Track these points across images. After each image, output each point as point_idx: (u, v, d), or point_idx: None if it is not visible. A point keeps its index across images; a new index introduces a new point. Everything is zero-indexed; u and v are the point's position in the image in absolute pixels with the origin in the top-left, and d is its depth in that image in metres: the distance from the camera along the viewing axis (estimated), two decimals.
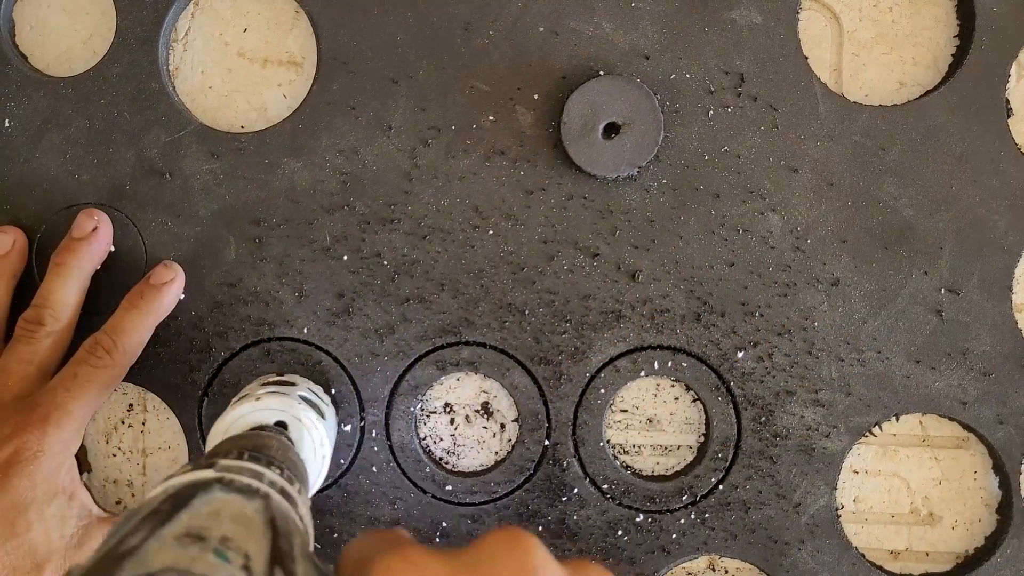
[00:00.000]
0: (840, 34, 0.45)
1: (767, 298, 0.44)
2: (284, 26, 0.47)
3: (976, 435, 0.45)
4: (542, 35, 0.44)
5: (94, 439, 0.48)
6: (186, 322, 0.45)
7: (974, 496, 0.46)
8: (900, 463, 0.46)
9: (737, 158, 0.44)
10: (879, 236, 0.44)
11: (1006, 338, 0.44)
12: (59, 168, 0.45)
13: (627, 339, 0.45)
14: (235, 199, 0.45)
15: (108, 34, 0.46)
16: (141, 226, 0.46)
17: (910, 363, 0.44)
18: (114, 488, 0.48)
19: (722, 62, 0.44)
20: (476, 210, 0.45)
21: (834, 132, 0.44)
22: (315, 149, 0.45)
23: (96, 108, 0.45)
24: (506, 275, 0.45)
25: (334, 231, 0.45)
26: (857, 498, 0.46)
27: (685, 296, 0.45)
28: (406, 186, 0.45)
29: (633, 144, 0.43)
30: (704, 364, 0.45)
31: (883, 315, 0.44)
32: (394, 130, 0.45)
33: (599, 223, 0.45)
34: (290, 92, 0.47)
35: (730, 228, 0.44)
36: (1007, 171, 0.44)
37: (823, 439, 0.44)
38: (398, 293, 0.45)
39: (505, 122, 0.45)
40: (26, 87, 0.45)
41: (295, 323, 0.45)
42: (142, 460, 0.48)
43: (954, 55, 0.45)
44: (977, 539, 0.46)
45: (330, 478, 0.45)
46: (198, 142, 0.45)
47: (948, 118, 0.44)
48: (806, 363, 0.44)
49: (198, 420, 0.46)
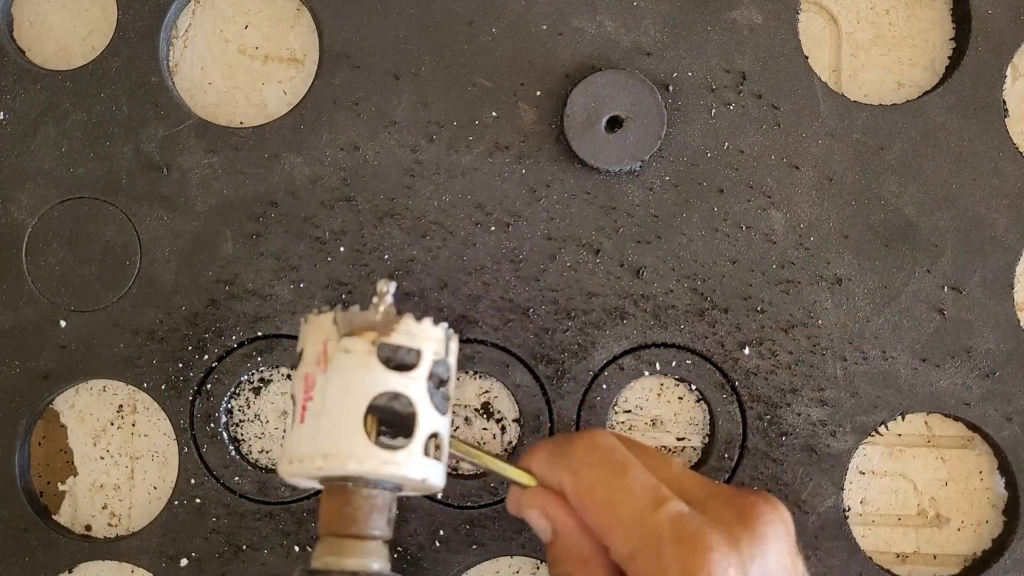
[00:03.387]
0: (838, 35, 0.46)
1: (770, 295, 0.44)
2: (285, 23, 0.47)
3: (981, 434, 0.45)
4: (545, 32, 0.45)
5: (81, 441, 0.46)
6: (180, 319, 0.45)
7: (981, 497, 0.45)
8: (906, 463, 0.45)
9: (740, 155, 0.44)
10: (881, 234, 0.44)
11: (1009, 336, 0.44)
12: (54, 162, 0.45)
13: (631, 336, 0.44)
14: (233, 194, 0.45)
15: (107, 31, 0.46)
16: (136, 221, 0.45)
17: (915, 361, 0.44)
18: (100, 493, 0.46)
19: (724, 61, 0.44)
20: (478, 206, 0.45)
21: (835, 130, 0.44)
22: (315, 144, 0.45)
23: (94, 102, 0.45)
24: (508, 272, 0.44)
25: (333, 227, 0.45)
26: (864, 499, 0.45)
27: (688, 293, 0.44)
28: (407, 182, 0.45)
29: (636, 138, 0.43)
30: (708, 362, 0.44)
31: (887, 313, 0.44)
32: (396, 126, 0.45)
33: (602, 219, 0.44)
34: (291, 89, 0.46)
35: (733, 225, 0.44)
36: (1006, 170, 0.44)
37: (829, 438, 0.44)
38: (398, 290, 0.44)
39: (508, 119, 0.45)
40: (23, 80, 0.45)
41: (292, 320, 0.44)
42: (131, 464, 0.46)
43: (951, 57, 0.46)
44: (984, 541, 0.45)
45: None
46: (197, 136, 0.45)
47: (946, 118, 0.44)
48: (811, 361, 0.44)
49: (190, 421, 0.45)
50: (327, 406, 0.31)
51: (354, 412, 0.30)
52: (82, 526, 0.46)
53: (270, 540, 0.44)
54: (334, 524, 0.32)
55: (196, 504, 0.44)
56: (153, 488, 0.46)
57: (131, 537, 0.45)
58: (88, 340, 0.45)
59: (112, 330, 0.45)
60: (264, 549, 0.44)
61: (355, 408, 0.30)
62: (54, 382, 0.45)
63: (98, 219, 0.45)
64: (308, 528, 0.44)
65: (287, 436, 0.31)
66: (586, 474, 0.34)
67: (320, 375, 0.31)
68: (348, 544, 0.31)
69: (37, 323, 0.45)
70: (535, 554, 0.44)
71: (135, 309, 0.45)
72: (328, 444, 0.30)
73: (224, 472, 0.44)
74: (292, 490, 0.44)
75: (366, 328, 0.31)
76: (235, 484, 0.44)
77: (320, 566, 0.31)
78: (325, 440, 0.30)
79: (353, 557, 0.31)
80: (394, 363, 0.31)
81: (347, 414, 0.30)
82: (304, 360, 0.32)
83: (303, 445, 0.31)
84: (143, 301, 0.45)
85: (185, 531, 0.44)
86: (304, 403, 0.31)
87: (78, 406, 0.46)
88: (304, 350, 0.32)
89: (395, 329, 0.31)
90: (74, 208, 0.45)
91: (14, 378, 0.45)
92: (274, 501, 0.44)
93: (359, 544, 0.31)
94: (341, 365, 0.31)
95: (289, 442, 0.31)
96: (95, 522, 0.46)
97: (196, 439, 0.44)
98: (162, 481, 0.46)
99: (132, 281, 0.45)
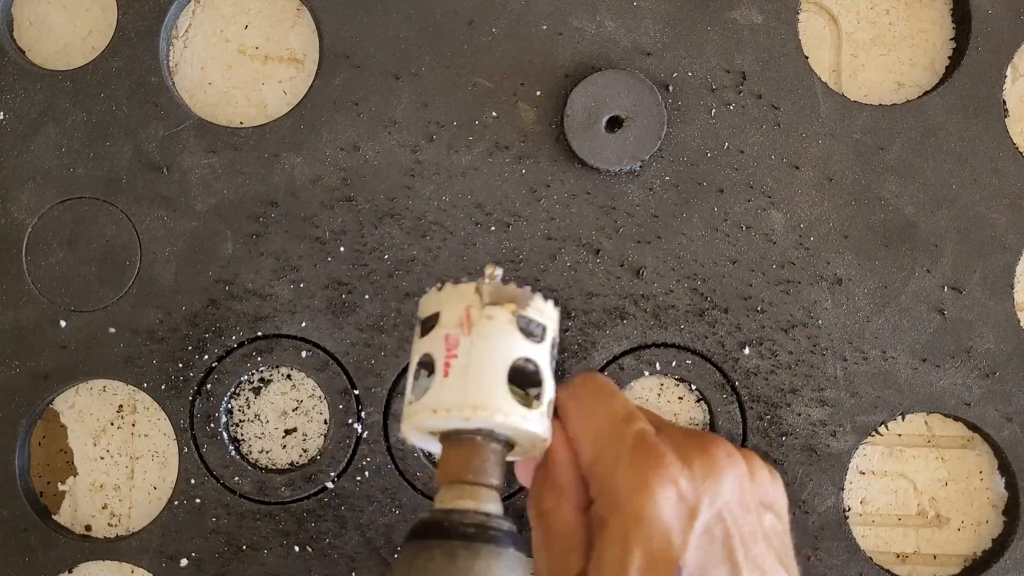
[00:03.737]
0: (839, 35, 0.46)
1: (771, 295, 0.44)
2: (285, 23, 0.47)
3: (981, 435, 0.45)
4: (545, 32, 0.45)
5: (81, 441, 0.46)
6: (180, 319, 0.44)
7: (981, 497, 0.45)
8: (906, 463, 0.45)
9: (739, 155, 0.44)
10: (881, 234, 0.44)
11: (1009, 337, 0.44)
12: (54, 161, 0.45)
13: (631, 336, 0.44)
14: (233, 194, 0.45)
15: (107, 31, 0.46)
16: (136, 221, 0.45)
17: (915, 361, 0.44)
18: (100, 493, 0.46)
19: (724, 61, 0.44)
20: (478, 206, 0.45)
21: (835, 130, 0.44)
22: (316, 144, 0.45)
23: (94, 102, 0.45)
24: (508, 272, 0.44)
25: (333, 226, 0.44)
26: (864, 500, 0.45)
27: (688, 293, 0.44)
28: (407, 182, 0.45)
29: (636, 138, 0.43)
30: (708, 362, 0.44)
31: (887, 313, 0.44)
32: (396, 126, 0.45)
33: (602, 219, 0.44)
34: (290, 89, 0.46)
35: (733, 225, 0.44)
36: (1006, 170, 0.44)
37: (829, 438, 0.44)
38: (398, 290, 0.44)
39: (508, 119, 0.45)
40: (23, 80, 0.45)
41: (292, 320, 0.44)
42: (131, 464, 0.46)
43: (951, 57, 0.46)
44: (984, 541, 0.45)
45: (326, 479, 0.44)
46: (197, 136, 0.45)
47: (946, 118, 0.44)
48: (811, 361, 0.44)
49: (190, 421, 0.45)
50: (473, 364, 0.33)
51: (499, 371, 0.33)
52: (82, 526, 0.46)
53: (270, 540, 0.44)
54: (464, 473, 0.34)
55: (196, 504, 0.44)
56: (153, 488, 0.46)
57: (131, 537, 0.45)
58: (88, 340, 0.45)
59: (112, 330, 0.45)
60: (264, 549, 0.44)
61: (500, 368, 0.33)
62: (54, 382, 0.45)
63: (98, 219, 0.45)
64: (307, 528, 0.44)
65: (427, 390, 0.34)
66: (577, 391, 0.36)
67: (464, 337, 0.34)
68: (479, 490, 0.34)
69: (37, 323, 0.45)
70: None
71: (135, 309, 0.45)
72: (477, 397, 0.33)
73: (224, 472, 0.44)
74: (292, 490, 0.44)
75: (508, 299, 0.34)
76: (235, 484, 0.44)
77: (456, 507, 0.34)
78: (475, 393, 0.33)
79: (486, 501, 0.34)
80: (524, 334, 0.35)
81: (494, 372, 0.33)
82: (442, 323, 0.35)
83: (451, 397, 0.33)
84: (143, 301, 0.45)
85: (185, 531, 0.44)
86: (447, 360, 0.34)
87: (78, 406, 0.46)
88: (441, 314, 0.35)
89: (531, 304, 0.34)
90: (74, 208, 0.45)
91: (14, 378, 0.45)
92: (274, 501, 0.44)
93: (488, 491, 0.34)
94: (485, 330, 0.34)
95: (432, 394, 0.34)
96: (95, 522, 0.46)
97: (196, 439, 0.44)
98: (162, 481, 0.46)
99: (132, 281, 0.45)
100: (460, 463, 0.34)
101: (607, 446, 0.34)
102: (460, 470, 0.34)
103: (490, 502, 0.34)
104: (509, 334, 0.34)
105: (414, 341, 0.36)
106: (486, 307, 0.34)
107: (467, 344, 0.34)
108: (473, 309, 0.34)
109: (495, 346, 0.34)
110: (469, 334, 0.34)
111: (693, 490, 0.32)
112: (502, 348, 0.34)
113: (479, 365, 0.34)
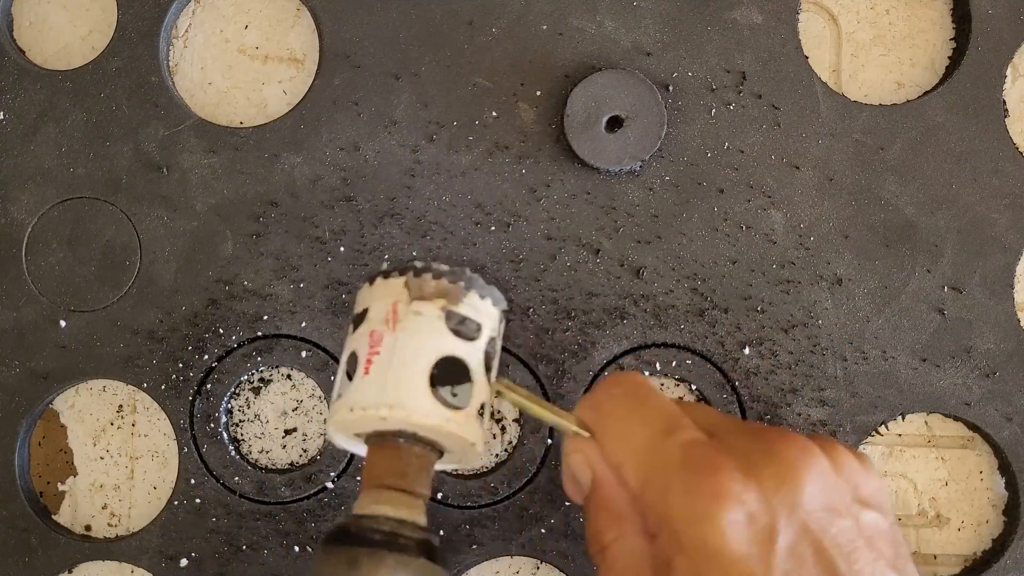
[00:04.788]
0: (838, 35, 0.46)
1: (770, 295, 0.44)
2: (286, 23, 0.47)
3: (982, 434, 0.45)
4: (545, 32, 0.45)
5: (81, 441, 0.46)
6: (180, 319, 0.44)
7: (981, 497, 0.45)
8: (906, 463, 0.45)
9: (739, 155, 0.44)
10: (881, 233, 0.44)
11: (1009, 337, 0.44)
12: (54, 161, 0.45)
13: (631, 336, 0.44)
14: (233, 194, 0.45)
15: (107, 31, 0.46)
16: (136, 221, 0.45)
17: (915, 361, 0.44)
18: (100, 493, 0.46)
19: (724, 61, 0.44)
20: (478, 206, 0.45)
21: (835, 130, 0.44)
22: (315, 144, 0.45)
23: (94, 102, 0.45)
24: (508, 272, 0.44)
25: (333, 227, 0.45)
26: None
27: (688, 293, 0.44)
28: (407, 182, 0.45)
29: (636, 137, 0.43)
30: (708, 362, 0.44)
31: (887, 313, 0.44)
32: (396, 126, 0.45)
33: (602, 219, 0.44)
34: (291, 89, 0.46)
35: (733, 224, 0.44)
36: (1006, 170, 0.44)
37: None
38: None
39: (508, 118, 0.45)
40: (22, 80, 0.45)
41: (292, 320, 0.44)
42: (130, 464, 0.46)
43: (951, 57, 0.46)
44: (985, 541, 0.45)
45: (326, 479, 0.44)
46: (197, 136, 0.45)
47: (946, 118, 0.44)
48: (811, 361, 0.44)
49: (190, 421, 0.45)
50: (395, 361, 0.32)
51: (421, 370, 0.32)
52: (82, 526, 0.46)
53: (270, 540, 0.44)
54: (384, 476, 0.33)
55: (196, 504, 0.44)
56: (153, 488, 0.46)
57: (131, 537, 0.45)
58: (88, 340, 0.45)
59: (112, 330, 0.45)
60: (264, 549, 0.44)
61: (422, 366, 0.32)
62: (54, 382, 0.45)
63: (98, 219, 0.45)
64: (307, 528, 0.44)
65: (348, 388, 0.32)
66: (607, 407, 0.32)
67: (388, 333, 0.32)
68: (397, 496, 0.32)
69: (37, 323, 0.45)
70: (535, 554, 0.44)
71: (135, 309, 0.45)
72: (395, 396, 0.31)
73: (224, 472, 0.44)
74: (292, 490, 0.44)
75: (437, 295, 0.32)
76: (235, 484, 0.44)
77: (369, 512, 0.32)
78: (392, 392, 0.31)
79: (403, 508, 0.32)
80: (455, 332, 0.33)
81: (415, 371, 0.32)
82: (369, 319, 0.33)
83: (369, 395, 0.32)
84: (143, 301, 0.45)
85: (185, 531, 0.44)
86: (369, 356, 0.32)
87: (78, 406, 0.46)
88: (369, 309, 0.33)
89: (462, 300, 0.32)
90: (74, 208, 0.45)
91: (14, 378, 0.45)
92: (274, 501, 0.44)
93: (407, 498, 0.32)
94: (410, 325, 0.32)
95: (351, 392, 0.32)
96: (95, 522, 0.46)
97: (196, 439, 0.44)
98: (162, 481, 0.46)
99: (132, 281, 0.45)
100: (380, 467, 0.33)
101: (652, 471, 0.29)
102: (380, 474, 0.33)
103: (409, 508, 0.32)
104: (437, 331, 0.32)
105: (345, 338, 0.34)
106: (413, 302, 0.32)
107: (391, 341, 0.32)
108: (400, 304, 0.33)
109: (419, 343, 0.32)
110: (394, 330, 0.32)
111: (765, 506, 0.27)
112: (427, 346, 0.32)
113: (400, 362, 0.32)
